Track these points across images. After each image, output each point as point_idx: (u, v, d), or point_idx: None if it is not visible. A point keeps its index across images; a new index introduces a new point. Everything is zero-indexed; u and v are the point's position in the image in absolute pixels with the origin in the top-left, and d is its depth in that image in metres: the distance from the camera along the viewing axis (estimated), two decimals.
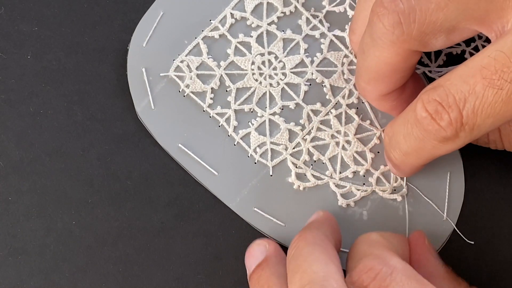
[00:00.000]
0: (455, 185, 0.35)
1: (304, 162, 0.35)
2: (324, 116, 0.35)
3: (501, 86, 0.26)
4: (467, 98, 0.27)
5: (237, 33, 0.36)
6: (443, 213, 0.34)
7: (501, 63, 0.26)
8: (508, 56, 0.26)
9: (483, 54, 0.27)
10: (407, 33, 0.28)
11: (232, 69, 0.36)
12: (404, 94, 0.32)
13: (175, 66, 0.36)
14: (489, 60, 0.26)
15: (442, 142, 0.28)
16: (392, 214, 0.35)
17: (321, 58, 0.36)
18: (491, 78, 0.26)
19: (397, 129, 0.30)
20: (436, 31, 0.28)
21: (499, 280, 0.34)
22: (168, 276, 0.34)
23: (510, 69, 0.26)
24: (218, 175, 0.35)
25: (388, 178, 0.35)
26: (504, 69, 0.26)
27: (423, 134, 0.28)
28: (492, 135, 0.33)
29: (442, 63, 0.36)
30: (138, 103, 0.36)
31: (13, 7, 0.37)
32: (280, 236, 0.34)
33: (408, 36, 0.28)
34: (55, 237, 0.35)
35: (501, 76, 0.26)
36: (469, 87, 0.27)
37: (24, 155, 0.36)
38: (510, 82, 0.26)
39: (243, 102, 0.36)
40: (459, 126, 0.27)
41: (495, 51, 0.26)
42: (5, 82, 0.36)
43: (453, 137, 0.28)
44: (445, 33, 0.28)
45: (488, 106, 0.26)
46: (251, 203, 0.35)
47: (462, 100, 0.27)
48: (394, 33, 0.28)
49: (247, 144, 0.35)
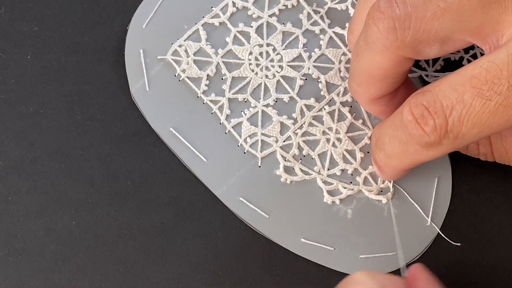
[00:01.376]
0: (442, 190, 0.35)
1: (293, 156, 0.35)
2: (317, 112, 0.35)
3: (490, 97, 0.26)
4: (454, 106, 0.27)
5: (237, 22, 0.36)
6: (428, 217, 0.34)
7: (492, 74, 0.26)
8: (500, 68, 0.26)
9: (476, 64, 0.27)
10: (401, 39, 0.28)
11: (229, 57, 0.36)
12: (395, 99, 0.32)
13: (173, 50, 0.36)
14: (481, 70, 0.26)
15: (425, 148, 0.28)
16: (376, 214, 0.35)
17: (319, 54, 0.36)
18: (481, 88, 0.26)
19: (384, 130, 0.30)
20: (430, 40, 0.28)
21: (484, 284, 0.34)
22: (168, 276, 0.34)
23: (501, 81, 0.26)
24: (207, 162, 0.35)
25: (376, 179, 0.35)
26: (494, 80, 0.26)
27: (407, 137, 0.28)
28: (483, 148, 0.33)
29: (439, 68, 0.36)
30: (133, 84, 0.36)
31: (13, 7, 0.37)
32: (263, 227, 0.34)
33: (401, 42, 0.28)
34: (55, 237, 0.35)
35: (491, 87, 0.26)
36: (458, 95, 0.26)
37: (24, 155, 0.35)
38: (500, 94, 0.26)
39: (238, 92, 0.36)
40: (443, 133, 0.27)
41: (488, 62, 0.26)
42: (5, 82, 0.36)
43: (436, 144, 0.28)
44: (439, 42, 0.28)
45: (474, 116, 0.26)
46: (237, 192, 0.35)
47: (449, 107, 0.27)
48: (388, 38, 0.28)
49: (238, 133, 0.35)
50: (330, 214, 0.35)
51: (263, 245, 0.35)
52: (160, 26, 0.36)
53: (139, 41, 0.36)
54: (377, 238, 0.34)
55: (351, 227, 0.34)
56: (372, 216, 0.34)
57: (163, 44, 0.36)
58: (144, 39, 0.36)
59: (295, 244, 0.34)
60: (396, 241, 0.34)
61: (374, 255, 0.34)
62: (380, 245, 0.34)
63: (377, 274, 0.29)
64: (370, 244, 0.34)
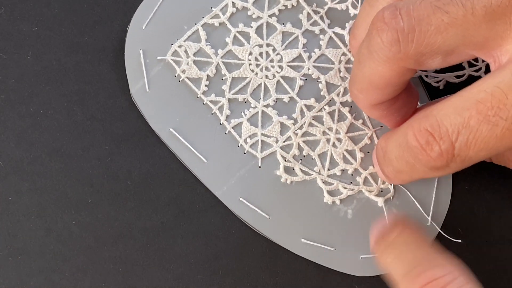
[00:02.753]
0: (442, 189, 0.35)
1: (293, 156, 0.35)
2: (317, 112, 0.35)
3: (496, 122, 0.26)
4: (460, 131, 0.26)
5: (237, 23, 0.36)
6: (428, 216, 0.34)
7: (497, 99, 0.26)
8: (505, 92, 0.26)
9: (480, 87, 0.26)
10: (404, 52, 0.28)
11: (229, 58, 0.36)
12: (396, 104, 0.32)
13: (173, 50, 0.36)
14: (486, 95, 0.26)
15: (433, 170, 0.28)
16: (377, 214, 0.35)
17: (319, 54, 0.36)
18: (487, 113, 0.26)
19: (390, 149, 0.30)
20: (434, 53, 0.28)
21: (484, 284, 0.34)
22: (168, 276, 0.34)
23: (507, 106, 0.26)
24: (207, 163, 0.35)
25: (376, 179, 0.35)
26: (500, 105, 0.26)
27: (414, 160, 0.28)
28: None
29: (439, 69, 0.36)
30: (133, 85, 0.36)
31: (13, 7, 0.37)
32: (263, 228, 0.34)
33: (404, 55, 0.28)
34: (55, 237, 0.35)
35: (497, 113, 0.26)
36: (463, 120, 0.26)
37: (24, 155, 0.35)
38: (506, 119, 0.26)
39: (238, 92, 0.36)
40: (450, 158, 0.27)
41: (493, 86, 0.26)
42: (5, 82, 0.36)
43: (444, 167, 0.28)
44: (442, 55, 0.28)
45: (481, 141, 0.26)
46: (237, 192, 0.35)
47: (455, 133, 0.27)
48: (391, 50, 0.28)
49: (238, 134, 0.35)
50: (330, 214, 0.35)
51: (263, 245, 0.35)
52: (160, 26, 0.36)
53: (139, 42, 0.36)
54: None
55: (352, 227, 0.34)
56: (372, 216, 0.34)
57: (163, 45, 0.36)
58: (144, 40, 0.36)
59: (295, 244, 0.34)
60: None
61: (374, 255, 0.34)
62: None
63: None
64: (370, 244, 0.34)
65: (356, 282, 0.34)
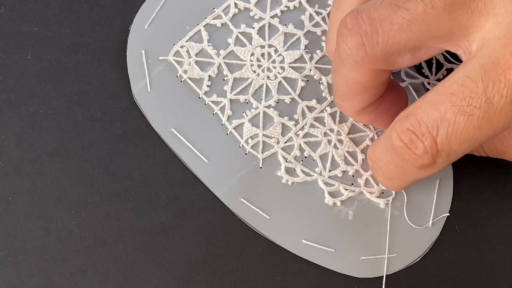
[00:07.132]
0: (443, 192, 0.35)
1: (294, 157, 0.35)
2: (319, 113, 0.36)
3: (471, 112, 0.26)
4: (439, 126, 0.26)
5: (239, 23, 0.36)
6: (429, 219, 0.34)
7: (468, 88, 0.26)
8: (475, 81, 0.26)
9: (451, 79, 0.26)
10: (371, 54, 0.28)
11: (231, 58, 0.36)
12: (381, 106, 0.32)
13: (175, 50, 0.36)
14: (457, 87, 0.26)
15: (422, 169, 0.28)
16: (378, 216, 0.35)
17: (321, 56, 0.36)
18: (461, 104, 0.26)
19: (378, 156, 0.30)
20: (401, 51, 0.28)
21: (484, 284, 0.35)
22: (168, 276, 0.34)
23: (478, 95, 0.25)
24: (208, 163, 0.35)
25: (377, 181, 0.35)
26: (472, 95, 0.26)
27: (401, 161, 0.28)
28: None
29: (442, 77, 0.36)
30: (135, 85, 0.36)
31: (13, 7, 0.37)
32: (264, 229, 0.34)
33: (372, 57, 0.28)
34: (55, 237, 0.35)
35: (470, 103, 0.26)
36: (440, 114, 0.26)
37: (24, 155, 0.35)
38: (479, 108, 0.26)
39: (239, 93, 0.36)
40: (435, 153, 0.27)
41: (463, 76, 0.26)
42: (5, 82, 0.36)
43: (431, 163, 0.28)
44: (410, 52, 0.28)
45: (461, 133, 0.26)
46: (238, 193, 0.35)
47: (435, 128, 0.27)
48: (358, 55, 0.28)
49: (240, 134, 0.35)
50: (331, 215, 0.35)
51: (264, 246, 0.35)
52: (162, 27, 0.36)
53: (141, 42, 0.36)
54: (378, 240, 0.34)
55: (352, 229, 0.34)
56: (373, 217, 0.35)
57: (165, 45, 0.36)
58: (146, 40, 0.36)
59: (296, 245, 0.34)
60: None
61: (375, 256, 0.34)
62: (381, 247, 0.34)
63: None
64: (371, 245, 0.34)
65: (356, 283, 0.34)
